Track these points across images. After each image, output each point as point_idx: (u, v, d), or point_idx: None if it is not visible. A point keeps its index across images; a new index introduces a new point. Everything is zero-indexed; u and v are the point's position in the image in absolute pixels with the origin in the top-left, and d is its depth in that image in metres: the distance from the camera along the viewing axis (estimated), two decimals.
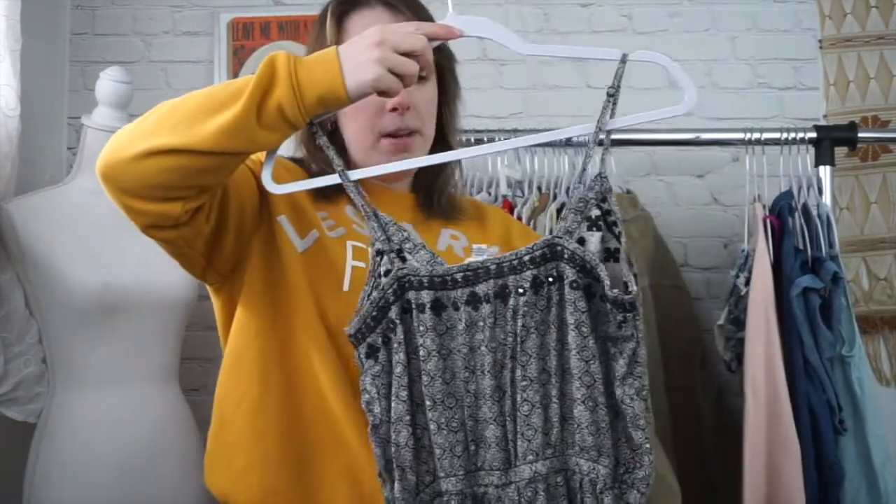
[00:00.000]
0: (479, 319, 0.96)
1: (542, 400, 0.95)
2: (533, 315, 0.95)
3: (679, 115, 1.02)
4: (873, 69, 2.23)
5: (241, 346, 1.11)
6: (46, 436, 1.71)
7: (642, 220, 1.93)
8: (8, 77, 1.73)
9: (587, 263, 0.94)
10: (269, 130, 0.94)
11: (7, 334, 1.70)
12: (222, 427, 1.11)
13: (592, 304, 0.95)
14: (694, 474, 1.83)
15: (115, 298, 1.72)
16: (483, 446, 0.96)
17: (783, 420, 1.64)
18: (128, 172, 0.95)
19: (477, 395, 0.96)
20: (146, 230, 1.01)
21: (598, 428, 0.95)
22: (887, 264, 2.20)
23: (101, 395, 1.73)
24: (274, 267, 1.10)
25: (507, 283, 0.96)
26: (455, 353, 0.96)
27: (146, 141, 0.93)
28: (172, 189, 0.96)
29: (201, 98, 0.95)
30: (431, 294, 0.96)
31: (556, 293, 0.95)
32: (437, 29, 0.99)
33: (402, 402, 0.95)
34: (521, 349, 0.95)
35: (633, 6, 2.30)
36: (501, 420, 0.96)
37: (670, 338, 1.92)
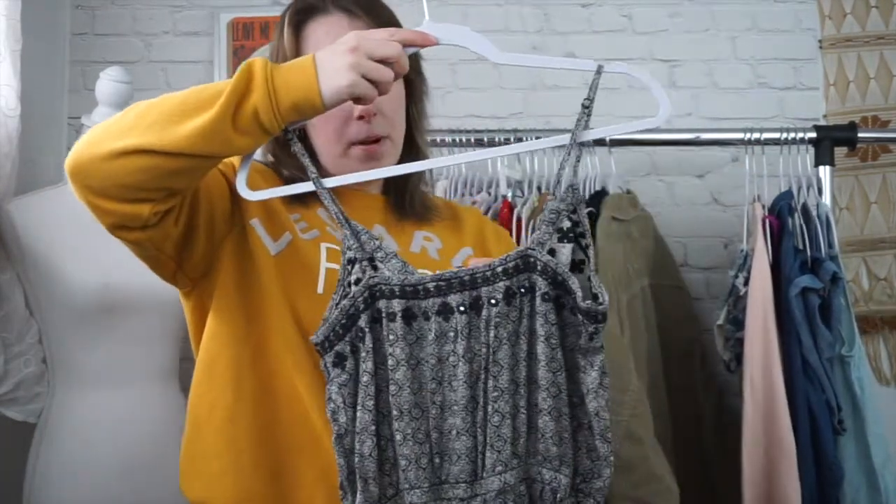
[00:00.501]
0: (450, 330, 0.96)
1: (511, 410, 0.95)
2: (505, 326, 0.95)
3: (652, 127, 1.02)
4: (873, 69, 2.23)
5: (213, 351, 1.10)
6: (46, 436, 1.71)
7: (642, 220, 1.93)
8: (8, 77, 1.73)
9: (559, 275, 0.94)
10: (243, 135, 0.94)
11: (7, 334, 1.70)
12: (196, 433, 1.10)
13: (562, 316, 0.96)
14: (693, 474, 1.83)
15: (115, 298, 1.72)
16: (448, 459, 0.96)
17: (780, 420, 1.64)
18: (97, 171, 0.94)
19: (443, 406, 0.96)
20: (113, 230, 1.00)
21: (562, 438, 0.96)
22: (887, 264, 2.20)
23: (101, 395, 1.73)
24: (247, 271, 1.09)
25: (480, 294, 0.96)
26: (424, 363, 0.96)
27: (119, 140, 0.93)
28: (142, 190, 0.95)
29: (177, 100, 0.94)
30: (403, 303, 0.95)
31: (528, 304, 0.96)
32: (413, 36, 0.99)
33: (368, 411, 0.94)
34: (494, 360, 0.95)
35: (633, 6, 2.30)
36: (473, 431, 0.95)
37: (670, 338, 1.92)
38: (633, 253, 1.84)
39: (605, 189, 1.90)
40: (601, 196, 1.85)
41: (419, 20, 1.06)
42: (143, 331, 1.78)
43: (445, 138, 1.92)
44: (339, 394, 0.95)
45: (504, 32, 2.28)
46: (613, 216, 1.80)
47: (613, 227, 1.78)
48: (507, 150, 1.12)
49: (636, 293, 1.82)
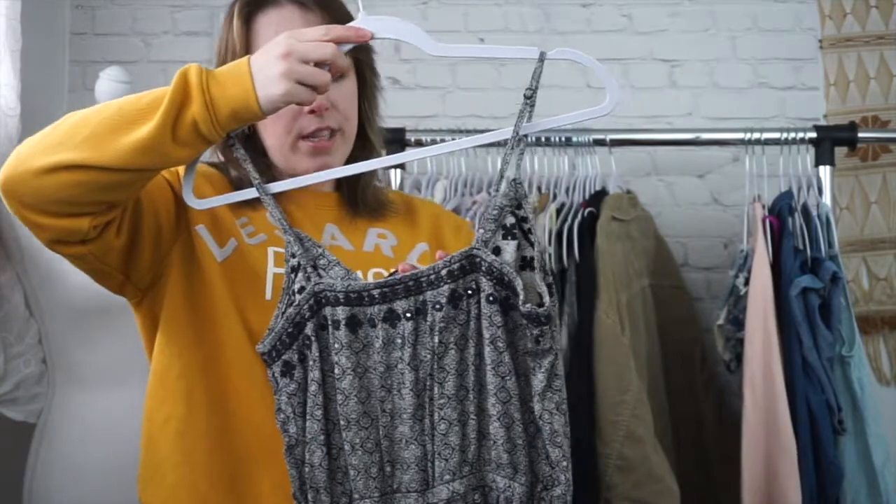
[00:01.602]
0: (398, 337, 0.94)
1: (459, 417, 0.93)
2: (452, 330, 0.93)
3: (601, 115, 0.99)
4: (873, 69, 2.23)
5: (164, 362, 1.09)
6: (46, 436, 1.71)
7: (642, 220, 1.93)
8: (8, 77, 1.73)
9: (504, 276, 0.91)
10: (183, 147, 0.92)
11: (7, 334, 1.70)
12: (151, 443, 1.09)
13: (510, 318, 0.93)
14: (693, 474, 1.83)
15: (114, 298, 1.70)
16: (400, 467, 0.94)
17: (780, 420, 1.64)
18: (29, 187, 0.91)
19: (393, 414, 0.94)
20: (51, 245, 0.98)
21: (514, 445, 0.93)
22: (887, 264, 2.20)
23: (101, 395, 1.73)
24: (195, 279, 1.07)
25: (426, 299, 0.93)
26: (371, 371, 0.94)
27: (52, 155, 0.90)
28: (78, 205, 0.93)
29: (111, 112, 0.92)
30: (347, 310, 0.94)
31: (475, 307, 0.93)
32: (346, 32, 0.96)
33: (317, 420, 0.93)
34: (439, 366, 0.93)
35: (633, 6, 2.30)
36: (421, 439, 0.94)
37: (670, 338, 1.92)
38: (633, 253, 1.84)
39: (605, 189, 1.90)
40: (601, 196, 1.85)
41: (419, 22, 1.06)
42: None
43: (445, 138, 1.92)
44: (289, 403, 0.94)
45: (504, 32, 2.28)
46: (613, 216, 1.80)
47: (613, 227, 1.79)
48: (447, 146, 1.08)
49: (636, 293, 1.82)
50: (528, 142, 1.88)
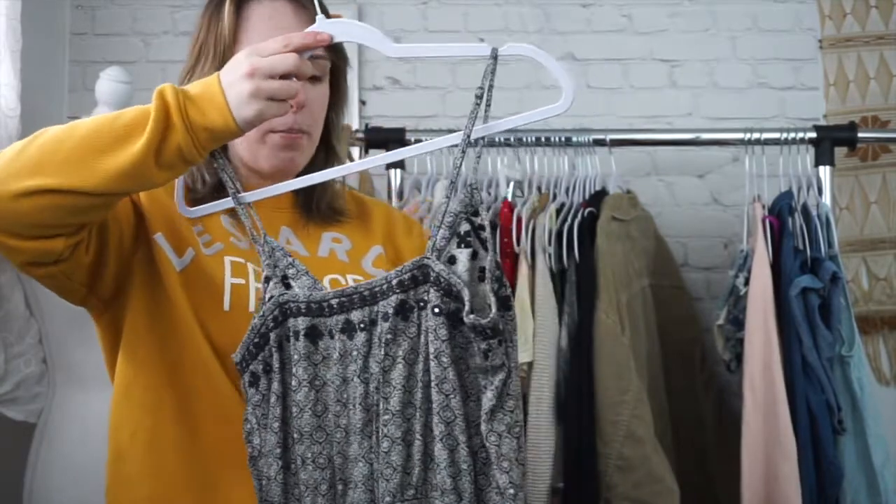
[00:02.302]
0: (353, 349, 0.91)
1: (404, 436, 0.88)
2: (400, 343, 0.88)
3: (556, 115, 0.97)
4: (873, 69, 2.23)
5: (129, 374, 1.08)
6: (46, 436, 1.71)
7: (642, 220, 1.93)
8: (8, 77, 1.73)
9: (452, 286, 0.86)
10: (166, 170, 0.91)
11: (7, 334, 1.70)
12: (119, 458, 1.08)
13: (460, 332, 0.87)
14: (693, 474, 1.83)
15: None
16: (351, 486, 0.91)
17: (780, 420, 1.64)
18: (4, 210, 0.89)
19: (347, 430, 0.91)
20: (24, 268, 0.97)
21: (459, 470, 0.87)
22: (887, 264, 2.20)
23: (101, 395, 1.72)
24: (156, 288, 1.05)
25: (377, 310, 0.90)
26: (329, 384, 0.91)
27: (27, 179, 0.88)
28: (53, 227, 0.92)
29: (87, 134, 0.90)
30: (307, 321, 0.92)
31: (425, 320, 0.88)
32: (305, 39, 0.95)
33: (274, 433, 0.91)
34: (385, 380, 0.88)
35: (633, 6, 2.30)
36: (368, 457, 0.90)
37: (670, 338, 1.92)
38: (633, 253, 1.84)
39: (605, 189, 1.90)
40: (601, 196, 1.85)
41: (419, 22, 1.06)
42: None
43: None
44: (253, 414, 0.93)
45: (504, 32, 2.28)
46: (613, 216, 1.80)
47: (613, 227, 1.79)
48: (393, 155, 1.09)
49: (636, 293, 1.82)
50: (528, 142, 1.91)
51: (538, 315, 1.73)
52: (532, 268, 1.77)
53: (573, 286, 1.76)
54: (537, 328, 1.72)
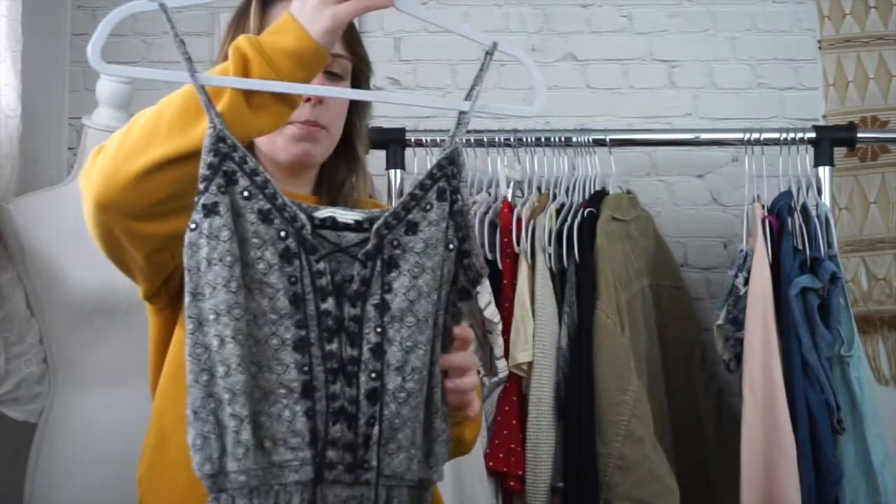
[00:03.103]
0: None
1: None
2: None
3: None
4: (872, 69, 2.23)
5: (181, 359, 1.09)
6: (47, 436, 1.72)
7: (642, 220, 1.94)
8: (9, 77, 1.73)
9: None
10: (262, 111, 0.91)
11: (8, 334, 1.70)
12: (161, 443, 1.08)
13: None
14: (693, 474, 1.83)
15: (114, 298, 1.72)
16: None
17: (780, 419, 1.64)
18: (132, 193, 0.91)
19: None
20: (150, 258, 0.99)
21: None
22: (886, 264, 2.20)
23: (102, 394, 1.73)
24: None
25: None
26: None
27: (143, 156, 0.90)
28: (181, 198, 0.92)
29: (183, 99, 0.92)
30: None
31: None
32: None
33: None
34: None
35: (633, 6, 2.30)
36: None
37: (670, 338, 1.93)
38: (633, 253, 1.84)
39: (605, 189, 1.90)
40: (601, 196, 1.85)
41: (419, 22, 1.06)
42: (144, 331, 1.77)
43: (446, 139, 1.92)
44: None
45: (504, 32, 2.28)
46: (613, 216, 1.80)
47: (613, 227, 1.79)
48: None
49: (636, 293, 1.83)
50: (528, 142, 1.91)
51: (538, 315, 1.73)
52: (532, 268, 1.77)
53: (573, 286, 1.76)
54: (537, 328, 1.72)
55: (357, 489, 0.90)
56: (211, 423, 0.87)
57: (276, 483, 0.87)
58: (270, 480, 0.87)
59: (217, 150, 0.88)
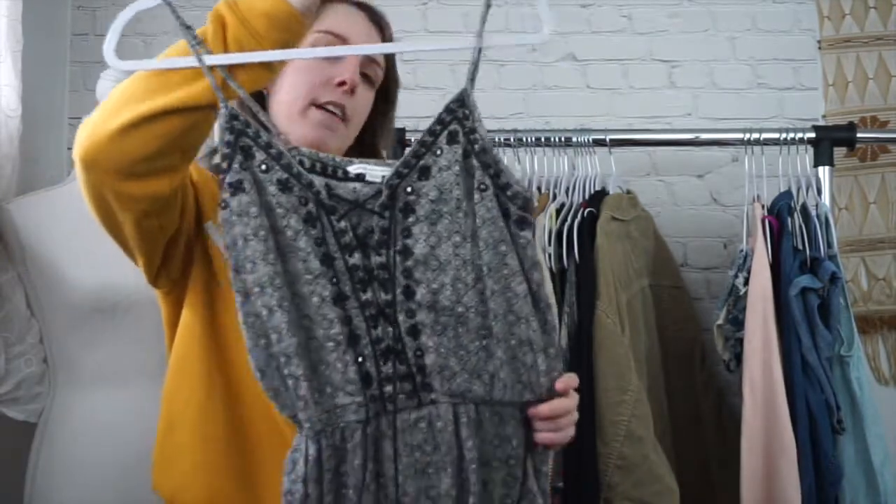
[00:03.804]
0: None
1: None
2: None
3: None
4: (872, 70, 2.23)
5: (186, 346, 1.12)
6: (47, 435, 1.72)
7: (642, 220, 1.94)
8: (9, 77, 1.73)
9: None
10: (241, 72, 0.94)
11: (8, 334, 1.71)
12: (170, 427, 1.12)
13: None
14: (693, 474, 1.83)
15: (114, 298, 1.72)
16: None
17: (780, 419, 1.64)
18: (114, 150, 0.93)
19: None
20: (139, 224, 1.00)
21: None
22: (886, 264, 2.20)
23: (102, 394, 1.73)
24: (211, 271, 1.11)
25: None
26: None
27: (125, 112, 0.93)
28: (162, 156, 0.95)
29: (165, 60, 0.96)
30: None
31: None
32: None
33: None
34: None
35: (633, 6, 2.30)
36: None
37: (670, 338, 1.93)
38: (633, 253, 1.84)
39: (605, 189, 1.90)
40: (601, 196, 1.85)
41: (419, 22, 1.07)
42: (144, 330, 1.78)
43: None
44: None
45: (504, 32, 2.28)
46: (613, 216, 1.80)
47: (613, 227, 1.79)
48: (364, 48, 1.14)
49: (636, 293, 1.83)
50: (528, 142, 1.91)
51: None
52: None
53: (573, 286, 1.76)
54: None
55: (424, 409, 0.96)
56: (278, 379, 0.93)
57: (340, 422, 0.94)
58: (335, 421, 0.94)
59: (232, 128, 0.93)
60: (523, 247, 0.97)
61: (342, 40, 1.15)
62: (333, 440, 0.94)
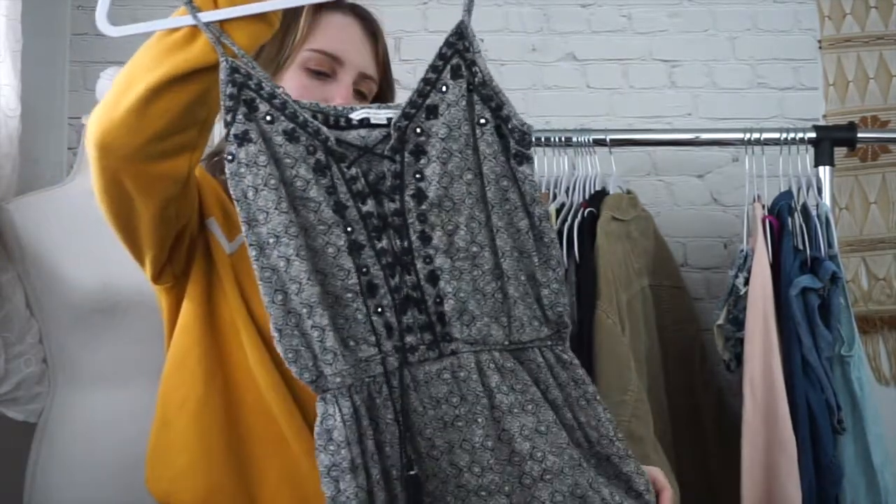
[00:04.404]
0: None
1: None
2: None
3: None
4: (872, 69, 2.23)
5: (185, 344, 1.11)
6: (47, 436, 1.71)
7: (642, 220, 1.93)
8: (9, 77, 1.73)
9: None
10: (237, 31, 0.91)
11: (8, 334, 1.70)
12: (165, 425, 1.11)
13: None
14: (693, 474, 1.83)
15: (115, 298, 1.72)
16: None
17: (780, 419, 1.64)
18: (128, 130, 0.91)
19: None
20: (159, 213, 0.99)
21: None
22: (886, 264, 2.20)
23: (102, 394, 1.73)
24: (211, 267, 1.11)
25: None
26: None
27: (131, 92, 0.91)
28: (177, 132, 0.93)
29: (159, 35, 0.94)
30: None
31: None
32: None
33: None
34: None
35: (633, 6, 2.30)
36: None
37: (670, 338, 1.93)
38: (633, 253, 1.84)
39: (605, 189, 1.90)
40: (601, 196, 1.85)
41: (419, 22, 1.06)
42: (144, 330, 1.78)
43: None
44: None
45: (504, 32, 2.28)
46: (613, 216, 1.80)
47: (613, 226, 1.79)
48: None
49: (636, 293, 1.82)
50: None
51: None
52: None
53: (573, 286, 1.76)
54: None
55: (445, 360, 0.94)
56: (297, 337, 0.91)
57: (366, 376, 0.93)
58: (361, 375, 0.92)
59: (233, 81, 0.91)
60: (522, 181, 0.96)
61: (335, 60, 1.14)
62: (363, 395, 0.92)
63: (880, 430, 1.71)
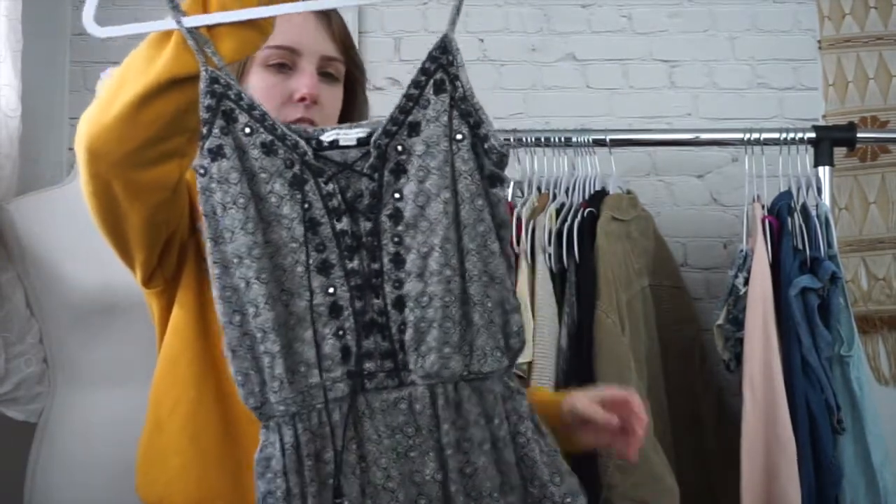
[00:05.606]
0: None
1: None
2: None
3: None
4: (872, 69, 2.23)
5: (177, 348, 1.11)
6: (47, 435, 1.72)
7: (642, 220, 1.94)
8: (9, 77, 1.73)
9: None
10: (224, 38, 0.90)
11: (8, 334, 1.71)
12: (157, 429, 1.10)
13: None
14: (693, 474, 1.83)
15: (115, 298, 1.72)
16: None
17: (780, 420, 1.64)
18: (118, 137, 0.91)
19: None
20: (149, 219, 0.98)
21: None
22: (886, 264, 2.20)
23: (102, 394, 1.73)
24: (202, 271, 1.09)
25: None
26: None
27: (121, 98, 0.90)
28: (166, 139, 0.92)
29: (148, 42, 0.93)
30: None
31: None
32: None
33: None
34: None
35: (633, 6, 2.30)
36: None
37: (670, 338, 1.93)
38: (633, 253, 1.84)
39: (605, 189, 1.90)
40: (601, 196, 1.85)
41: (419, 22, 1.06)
42: (144, 330, 1.77)
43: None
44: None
45: (504, 32, 2.28)
46: (613, 216, 1.80)
47: (613, 227, 1.79)
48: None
49: (636, 293, 1.82)
50: (528, 142, 1.91)
51: (538, 315, 1.73)
52: (532, 268, 1.77)
53: (573, 286, 1.76)
54: (537, 328, 1.72)
55: (403, 390, 0.92)
56: (249, 360, 0.91)
57: (315, 403, 0.91)
58: (310, 402, 0.91)
59: (213, 92, 0.89)
60: (495, 204, 0.92)
61: (293, 51, 1.12)
62: (310, 423, 0.90)
63: (880, 430, 1.71)
